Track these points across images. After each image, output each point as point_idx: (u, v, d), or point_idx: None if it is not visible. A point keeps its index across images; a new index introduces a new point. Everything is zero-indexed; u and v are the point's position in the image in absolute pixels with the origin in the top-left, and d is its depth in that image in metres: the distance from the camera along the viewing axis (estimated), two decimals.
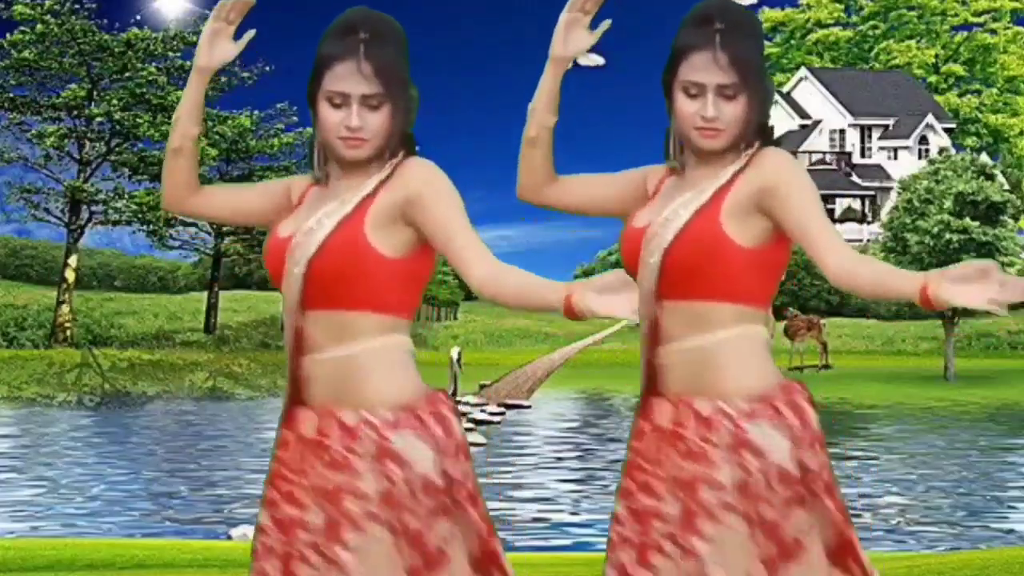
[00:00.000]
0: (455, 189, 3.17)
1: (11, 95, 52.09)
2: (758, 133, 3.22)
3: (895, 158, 76.60)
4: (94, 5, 51.89)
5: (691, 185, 3.22)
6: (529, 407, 33.50)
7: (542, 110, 3.34)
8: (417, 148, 3.26)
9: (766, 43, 78.99)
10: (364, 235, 3.12)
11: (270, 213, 3.31)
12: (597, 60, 3.31)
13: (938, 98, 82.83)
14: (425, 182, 3.15)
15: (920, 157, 71.05)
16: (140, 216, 51.22)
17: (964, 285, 2.81)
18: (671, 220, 3.17)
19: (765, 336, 3.21)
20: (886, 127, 77.95)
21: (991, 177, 45.37)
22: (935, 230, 43.29)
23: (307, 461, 3.14)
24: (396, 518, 3.06)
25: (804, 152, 76.43)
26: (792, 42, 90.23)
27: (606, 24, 3.30)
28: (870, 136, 78.28)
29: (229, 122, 53.79)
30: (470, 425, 27.17)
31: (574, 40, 3.29)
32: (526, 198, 3.41)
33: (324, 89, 3.16)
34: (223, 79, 54.66)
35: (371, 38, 3.15)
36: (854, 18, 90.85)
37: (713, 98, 3.15)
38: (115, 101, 51.14)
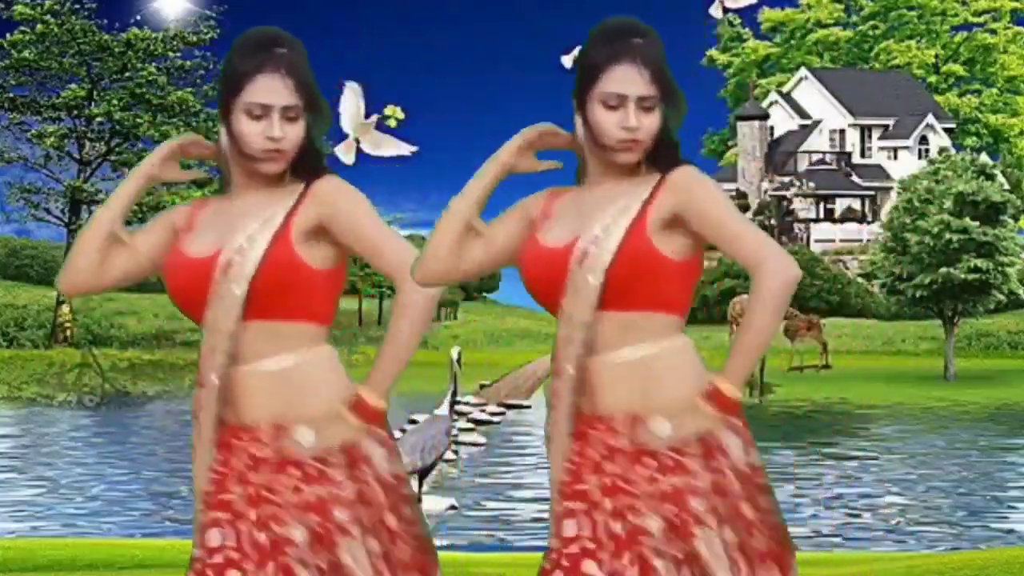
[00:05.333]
0: (368, 201, 3.26)
1: (11, 95, 52.10)
2: (668, 147, 3.25)
3: (895, 158, 76.59)
4: (94, 5, 51.91)
5: (609, 202, 3.22)
6: (529, 407, 33.48)
7: (472, 210, 3.32)
8: (327, 164, 3.34)
9: (766, 43, 78.27)
10: (295, 251, 3.19)
11: (163, 256, 3.33)
12: None
13: (938, 98, 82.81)
14: (342, 198, 3.24)
15: (920, 157, 71.03)
16: (140, 216, 51.18)
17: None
18: (603, 239, 3.17)
19: (693, 344, 3.27)
20: (886, 127, 77.93)
21: (991, 177, 45.36)
22: (935, 230, 43.28)
23: (274, 479, 3.15)
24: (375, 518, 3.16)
25: (804, 152, 76.43)
26: (792, 42, 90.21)
27: (555, 164, 3.36)
28: (870, 136, 78.26)
29: None
30: (470, 425, 27.16)
31: (526, 159, 3.34)
32: (432, 282, 3.31)
33: (243, 101, 3.19)
34: None
35: (290, 53, 3.22)
36: (854, 18, 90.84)
37: (635, 109, 3.19)
38: (115, 101, 51.14)
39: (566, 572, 3.12)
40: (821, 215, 73.50)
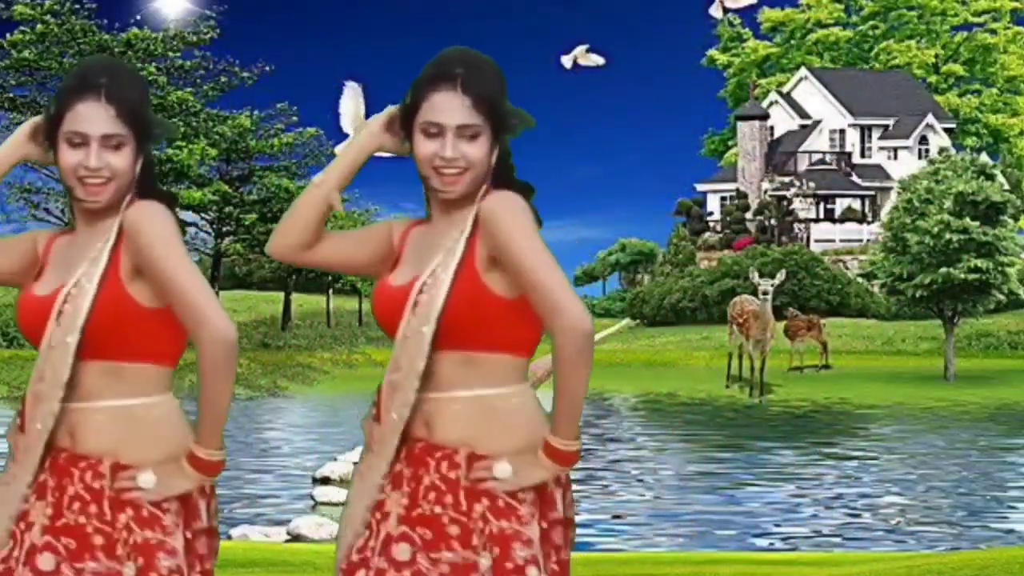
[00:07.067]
0: (172, 230, 3.09)
1: (11, 95, 52.13)
2: (500, 178, 3.15)
3: (895, 158, 76.61)
4: (94, 5, 51.99)
5: (441, 240, 3.13)
6: None
7: (334, 185, 3.21)
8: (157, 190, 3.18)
9: (766, 43, 78.01)
10: (125, 290, 3.10)
11: (20, 274, 3.25)
12: (597, 60, 3.31)
13: (938, 98, 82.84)
14: (141, 233, 3.07)
15: (920, 157, 71.05)
16: None
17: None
18: (432, 284, 3.08)
19: (532, 392, 3.21)
20: (886, 127, 77.95)
21: (991, 177, 45.39)
22: (935, 230, 43.30)
23: (111, 514, 3.12)
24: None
25: (804, 152, 76.45)
26: (792, 42, 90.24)
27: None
28: (870, 136, 78.28)
29: (229, 122, 53.79)
30: None
31: (393, 136, 3.21)
32: (281, 257, 3.27)
33: (64, 131, 3.11)
34: (223, 79, 54.66)
35: (113, 80, 3.12)
36: (854, 18, 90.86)
37: (453, 139, 3.09)
38: None
39: None
40: (821, 215, 73.50)
